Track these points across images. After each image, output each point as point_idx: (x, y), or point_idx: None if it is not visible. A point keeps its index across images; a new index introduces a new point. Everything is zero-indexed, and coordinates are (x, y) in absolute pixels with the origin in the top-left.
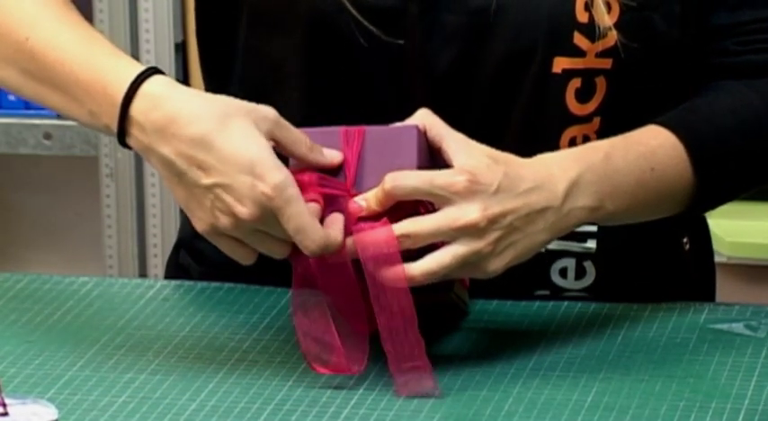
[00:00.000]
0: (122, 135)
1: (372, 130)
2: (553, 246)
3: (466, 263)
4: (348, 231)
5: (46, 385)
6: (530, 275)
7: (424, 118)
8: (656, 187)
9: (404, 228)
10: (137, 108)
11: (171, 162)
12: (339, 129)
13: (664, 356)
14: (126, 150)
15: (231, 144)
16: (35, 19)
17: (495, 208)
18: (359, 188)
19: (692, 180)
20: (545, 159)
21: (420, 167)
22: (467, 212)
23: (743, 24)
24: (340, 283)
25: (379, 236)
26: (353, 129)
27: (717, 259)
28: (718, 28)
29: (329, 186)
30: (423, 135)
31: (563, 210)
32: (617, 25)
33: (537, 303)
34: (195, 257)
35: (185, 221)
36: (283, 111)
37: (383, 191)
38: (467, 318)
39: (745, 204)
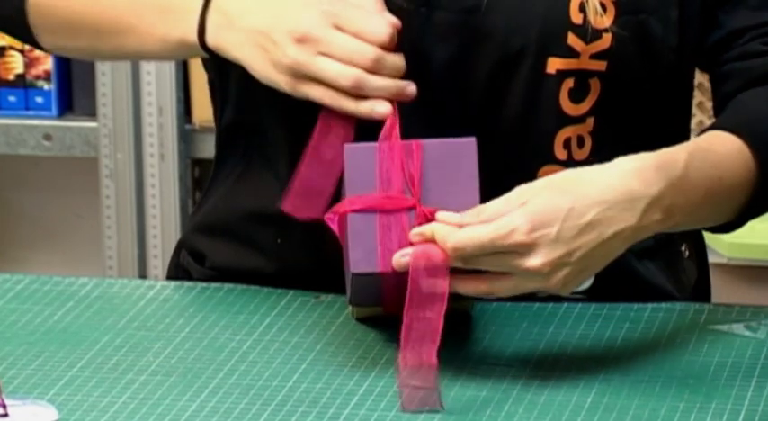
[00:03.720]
0: (202, 27)
1: (431, 143)
2: None
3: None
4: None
5: (46, 386)
6: None
7: None
8: (720, 196)
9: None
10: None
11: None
12: (396, 143)
13: (664, 357)
14: (125, 151)
15: None
16: None
17: (558, 251)
18: (424, 203)
19: (753, 185)
20: (625, 169)
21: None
22: (530, 260)
23: (765, 24)
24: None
25: (432, 251)
26: (412, 142)
27: (716, 260)
28: (740, 30)
29: (395, 202)
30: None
31: (640, 226)
32: (612, 27)
33: (537, 304)
34: (196, 258)
35: (188, 222)
36: (281, 105)
37: (449, 248)
38: (467, 320)
39: None
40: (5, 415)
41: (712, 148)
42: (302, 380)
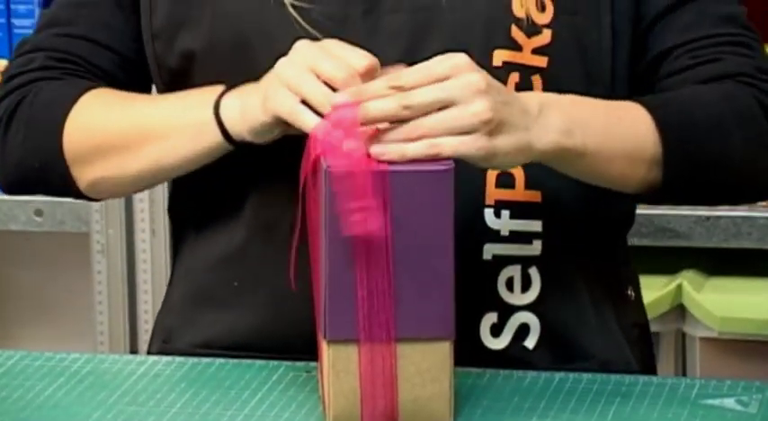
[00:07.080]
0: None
1: (401, 174)
2: (499, 251)
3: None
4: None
5: None
6: (477, 292)
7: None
8: (623, 134)
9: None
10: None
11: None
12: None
13: None
14: (117, 227)
15: None
16: (113, 109)
17: (501, 96)
18: (396, 231)
19: (658, 144)
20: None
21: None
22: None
23: (694, 41)
24: None
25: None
26: (382, 169)
27: (708, 334)
28: (668, 50)
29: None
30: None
31: (539, 121)
32: (550, 25)
33: (528, 377)
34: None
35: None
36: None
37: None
38: (457, 394)
39: (736, 280)
40: None
41: (606, 102)
42: None
